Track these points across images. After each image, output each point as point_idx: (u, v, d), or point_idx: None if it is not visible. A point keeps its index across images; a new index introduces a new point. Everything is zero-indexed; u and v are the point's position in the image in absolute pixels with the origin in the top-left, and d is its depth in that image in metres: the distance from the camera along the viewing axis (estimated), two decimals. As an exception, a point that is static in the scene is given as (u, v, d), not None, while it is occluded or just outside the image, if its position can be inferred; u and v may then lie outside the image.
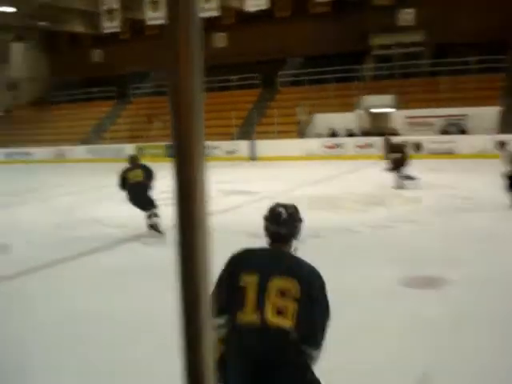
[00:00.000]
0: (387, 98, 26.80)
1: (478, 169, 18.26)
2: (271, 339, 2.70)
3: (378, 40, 31.00)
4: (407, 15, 30.46)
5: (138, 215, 9.66)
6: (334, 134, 26.09)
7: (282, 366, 2.69)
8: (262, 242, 2.99)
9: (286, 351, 2.72)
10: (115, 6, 28.12)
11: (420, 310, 5.48)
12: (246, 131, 28.02)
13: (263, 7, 26.47)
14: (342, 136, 25.95)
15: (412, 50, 30.18)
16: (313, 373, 2.77)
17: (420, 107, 25.56)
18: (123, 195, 9.64)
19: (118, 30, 29.17)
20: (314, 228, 9.54)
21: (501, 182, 11.13)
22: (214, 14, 27.10)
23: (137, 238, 9.43)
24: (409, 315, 5.38)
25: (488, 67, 25.68)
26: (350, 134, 25.81)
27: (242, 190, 15.07)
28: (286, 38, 32.54)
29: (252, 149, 26.46)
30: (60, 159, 30.60)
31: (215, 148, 25.98)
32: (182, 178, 1.04)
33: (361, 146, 24.39)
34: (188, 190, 1.04)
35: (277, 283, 2.78)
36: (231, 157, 26.34)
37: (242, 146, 26.70)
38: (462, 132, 24.04)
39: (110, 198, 14.16)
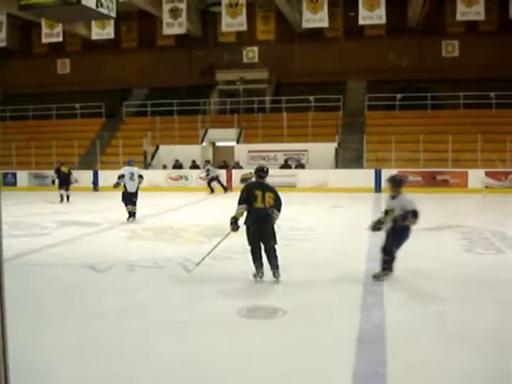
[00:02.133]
0: (231, 132, 27.48)
1: (316, 202, 19.17)
2: (265, 212, 7.67)
3: (223, 75, 31.73)
4: (251, 53, 31.50)
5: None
6: (178, 166, 26.18)
7: (268, 222, 7.75)
8: (98, 275, 2.90)
9: (270, 216, 7.72)
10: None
11: (256, 342, 5.55)
12: (89, 161, 27.35)
13: (109, 36, 26.18)
14: (187, 168, 26.09)
15: (256, 86, 31.20)
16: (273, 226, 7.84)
17: (262, 142, 26.42)
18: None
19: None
20: (153, 259, 9.47)
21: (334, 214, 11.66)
22: (58, 39, 26.45)
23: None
24: (244, 347, 5.43)
25: (326, 106, 27.24)
26: (194, 166, 26.02)
27: (82, 221, 14.61)
28: (131, 68, 32.46)
29: (95, 179, 25.81)
30: None
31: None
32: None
33: (203, 178, 24.65)
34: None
35: (267, 193, 7.70)
36: (72, 187, 25.46)
37: (84, 175, 25.93)
38: (302, 166, 25.13)
39: None
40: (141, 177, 15.24)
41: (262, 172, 7.93)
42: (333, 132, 26.60)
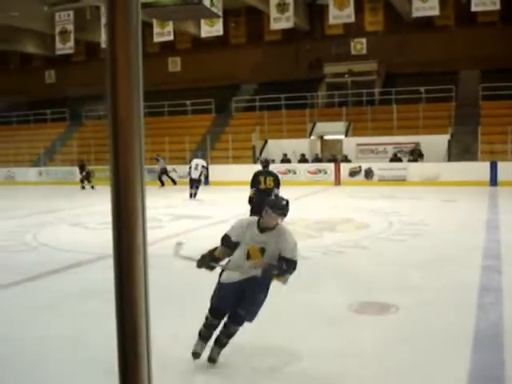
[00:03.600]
0: (339, 125, 27.25)
1: (428, 196, 18.65)
2: (269, 190, 10.55)
3: (331, 68, 31.51)
4: (359, 45, 31.07)
5: (86, 239, 9.49)
6: (286, 160, 26.29)
7: (270, 194, 9.95)
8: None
9: (272, 191, 10.57)
10: (69, 27, 27.90)
11: (370, 338, 5.49)
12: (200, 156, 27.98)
13: (218, 33, 26.64)
14: (295, 162, 26.15)
15: (364, 78, 30.77)
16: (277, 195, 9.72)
17: (371, 135, 26.01)
18: (72, 219, 9.44)
19: (71, 51, 28.93)
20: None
21: (447, 209, 11.31)
22: (169, 38, 27.19)
23: (83, 262, 9.25)
24: (358, 342, 5.38)
25: (437, 97, 26.39)
26: (303, 160, 26.04)
27: (194, 215, 14.99)
28: (239, 64, 32.83)
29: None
30: (9, 181, 30.01)
31: (169, 172, 25.77)
32: (120, 203, 1.02)
33: (312, 172, 24.61)
34: (126, 216, 1.02)
35: (269, 178, 11.04)
36: (184, 181, 26.20)
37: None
38: (421, 155, 24.33)
39: (58, 222, 13.96)
40: (203, 167, 19.39)
41: (266, 162, 11.60)
42: (445, 124, 25.72)
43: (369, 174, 23.24)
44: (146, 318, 1.02)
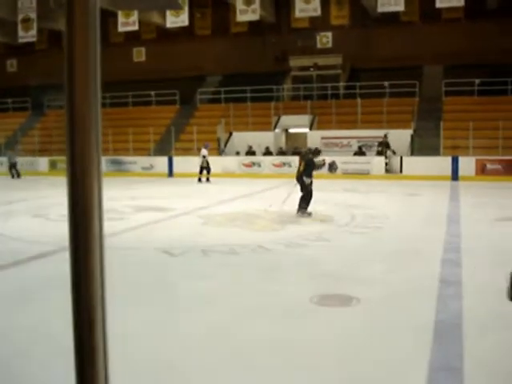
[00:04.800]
0: (304, 119, 27.36)
1: (391, 190, 18.88)
2: (298, 176, 13.32)
3: (296, 61, 31.60)
4: (325, 38, 31.19)
5: (46, 230, 9.37)
6: (251, 153, 26.31)
7: (299, 181, 13.11)
8: (173, 258, 2.95)
9: (302, 176, 12.99)
10: (32, 15, 27.42)
11: (331, 329, 5.54)
12: (164, 148, 27.84)
13: (183, 24, 26.47)
14: (259, 154, 26.19)
15: (329, 72, 30.94)
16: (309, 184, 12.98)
17: (336, 128, 26.19)
18: (31, 210, 9.31)
19: (34, 39, 28.44)
20: (229, 244, 9.57)
21: (410, 203, 11.46)
22: (134, 28, 26.94)
23: (45, 253, 9.12)
24: (320, 333, 5.42)
25: (401, 92, 26.70)
26: (267, 153, 26.09)
27: (157, 207, 14.91)
28: (205, 55, 32.69)
29: (169, 165, 26.29)
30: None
31: (132, 163, 25.60)
32: (77, 193, 1.01)
33: (277, 165, 24.69)
34: (83, 206, 1.01)
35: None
36: (148, 173, 26.08)
37: (159, 162, 26.46)
38: (387, 145, 24.49)
39: (18, 214, 13.75)
40: (203, 157, 22.03)
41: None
42: (408, 118, 26.08)
43: (332, 167, 23.43)
44: (102, 309, 1.01)
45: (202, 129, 27.51)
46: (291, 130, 28.91)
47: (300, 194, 13.18)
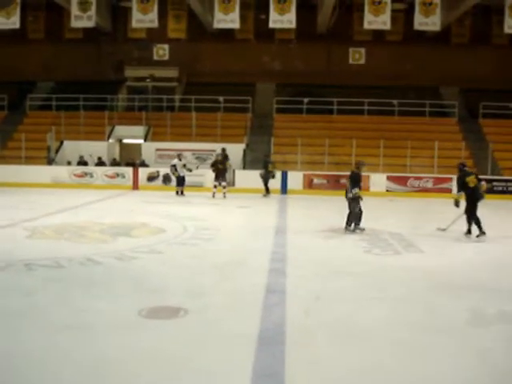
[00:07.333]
0: (138, 130, 27.19)
1: (223, 202, 19.26)
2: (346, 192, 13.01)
3: (132, 72, 31.31)
4: (162, 50, 31.21)
5: None
6: (83, 163, 25.58)
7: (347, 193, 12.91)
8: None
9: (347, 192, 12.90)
10: None
11: (159, 342, 5.52)
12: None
13: (14, 26, 25.19)
14: (92, 165, 25.54)
15: (165, 84, 30.99)
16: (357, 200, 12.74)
17: (171, 140, 26.24)
18: None
19: None
20: (55, 258, 9.21)
21: (240, 215, 11.73)
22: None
23: None
24: (148, 347, 5.39)
25: (235, 107, 27.45)
26: (100, 163, 25.51)
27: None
28: (36, 60, 31.34)
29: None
30: None
31: None
32: None
33: (110, 176, 24.23)
34: None
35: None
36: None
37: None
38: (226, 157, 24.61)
39: None
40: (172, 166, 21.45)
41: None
42: (241, 133, 26.81)
43: (167, 179, 23.56)
44: None
45: (32, 136, 26.25)
46: (125, 141, 28.51)
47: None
